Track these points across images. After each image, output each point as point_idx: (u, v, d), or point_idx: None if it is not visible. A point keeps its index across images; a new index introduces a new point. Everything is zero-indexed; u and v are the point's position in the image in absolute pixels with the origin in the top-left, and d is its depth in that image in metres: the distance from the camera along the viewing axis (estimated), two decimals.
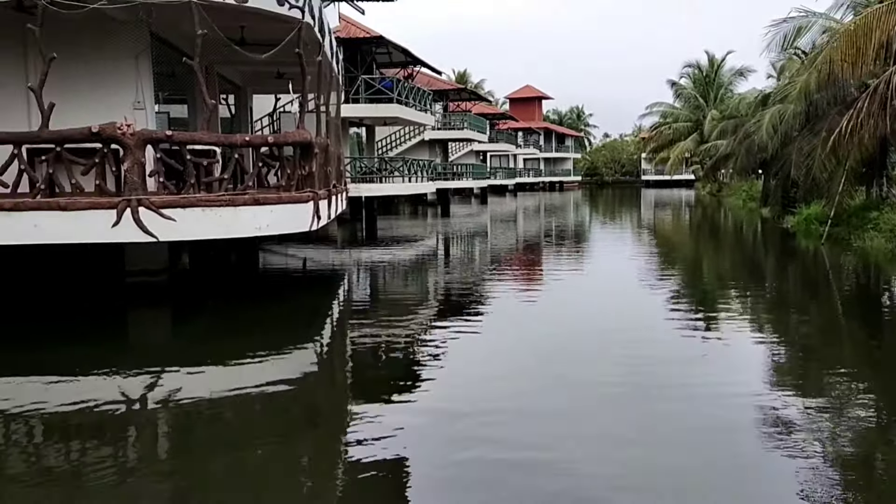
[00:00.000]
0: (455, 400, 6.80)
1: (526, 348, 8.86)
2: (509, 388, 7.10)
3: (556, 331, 9.79)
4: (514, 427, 6.06)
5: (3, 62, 11.24)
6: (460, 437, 5.85)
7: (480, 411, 6.42)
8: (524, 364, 8.08)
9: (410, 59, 30.05)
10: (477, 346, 9.18)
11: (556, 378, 7.46)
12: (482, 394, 7.00)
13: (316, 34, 11.89)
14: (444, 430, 6.05)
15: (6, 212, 9.10)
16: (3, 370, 7.67)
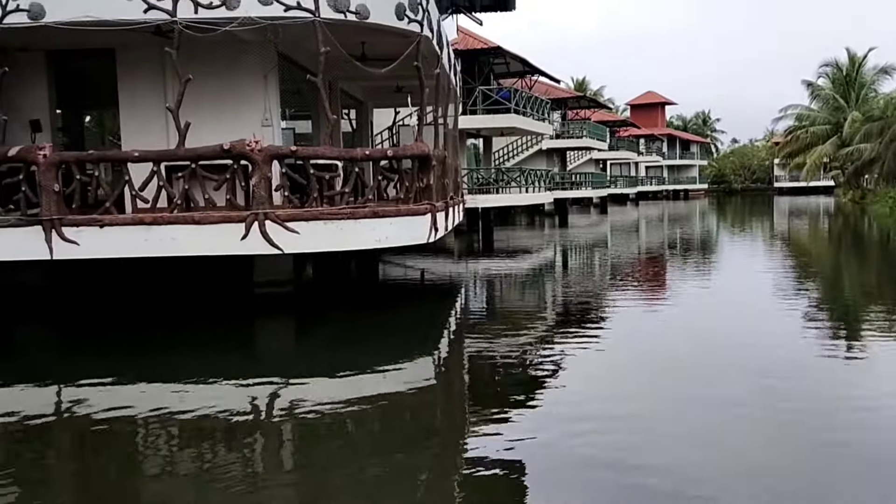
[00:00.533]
0: (575, 416, 6.57)
1: (649, 363, 8.49)
2: (632, 406, 6.79)
3: (681, 346, 9.34)
4: (637, 448, 5.76)
5: (144, 84, 12.01)
6: (580, 455, 5.63)
7: (602, 430, 6.17)
8: (647, 380, 7.74)
9: (528, 68, 29.92)
10: (597, 360, 8.89)
11: (681, 396, 7.09)
12: (603, 411, 6.73)
13: (434, 47, 11.97)
14: (564, 446, 5.85)
15: (147, 225, 9.68)
16: (141, 376, 8.10)
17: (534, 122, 29.18)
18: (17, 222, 9.71)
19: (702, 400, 6.97)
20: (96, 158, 10.29)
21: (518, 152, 40.70)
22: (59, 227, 9.64)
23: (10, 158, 9.74)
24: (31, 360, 9.74)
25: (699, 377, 7.85)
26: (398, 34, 10.88)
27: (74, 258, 9.84)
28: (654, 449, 5.73)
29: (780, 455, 5.56)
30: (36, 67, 12.08)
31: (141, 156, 9.97)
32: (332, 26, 9.95)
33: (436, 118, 12.90)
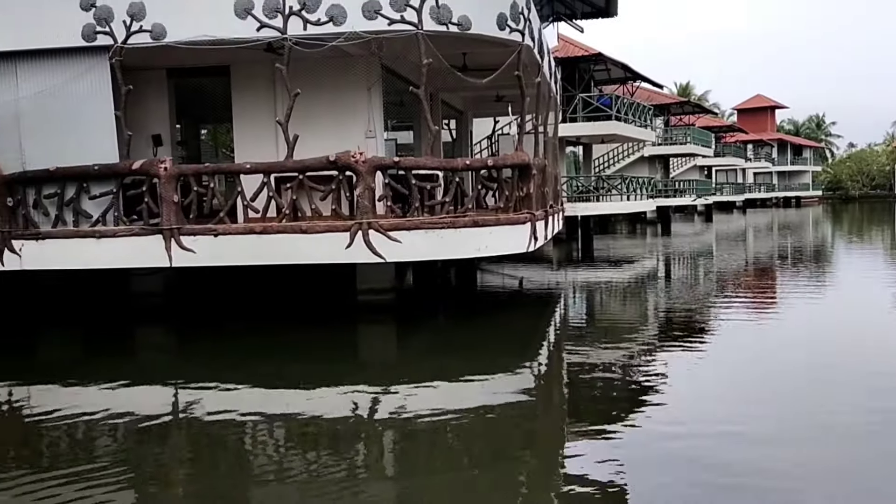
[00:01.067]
0: (678, 431, 6.38)
1: (757, 378, 8.15)
2: (741, 424, 6.51)
3: (789, 361, 8.90)
4: (748, 468, 5.52)
5: (256, 99, 12.55)
6: (684, 472, 5.46)
7: (707, 446, 5.97)
8: (756, 396, 7.43)
9: (630, 74, 29.36)
10: (702, 373, 8.63)
11: (793, 413, 6.79)
12: (708, 426, 6.52)
13: (535, 56, 11.95)
14: (665, 462, 5.69)
15: (257, 234, 10.10)
16: (250, 380, 8.44)
17: (635, 129, 28.59)
18: (140, 231, 10.33)
19: (811, 418, 6.65)
20: (212, 171, 10.83)
21: (619, 159, 39.93)
22: (177, 235, 10.19)
23: (134, 171, 10.39)
24: (149, 361, 10.35)
25: (809, 394, 7.47)
26: (499, 44, 10.92)
27: (191, 266, 10.39)
28: (764, 467, 5.48)
29: None
30: (158, 85, 12.84)
31: (253, 168, 10.42)
32: (435, 38, 10.11)
33: (536, 127, 12.85)
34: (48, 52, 10.62)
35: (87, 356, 10.57)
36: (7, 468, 5.96)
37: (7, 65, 10.78)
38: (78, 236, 10.49)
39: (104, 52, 10.44)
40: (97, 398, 7.93)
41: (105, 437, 6.76)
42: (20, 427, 7.18)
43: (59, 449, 6.54)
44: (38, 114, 10.76)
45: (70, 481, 5.49)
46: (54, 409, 7.52)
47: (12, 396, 8.20)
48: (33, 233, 10.65)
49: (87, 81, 10.56)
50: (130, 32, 10.36)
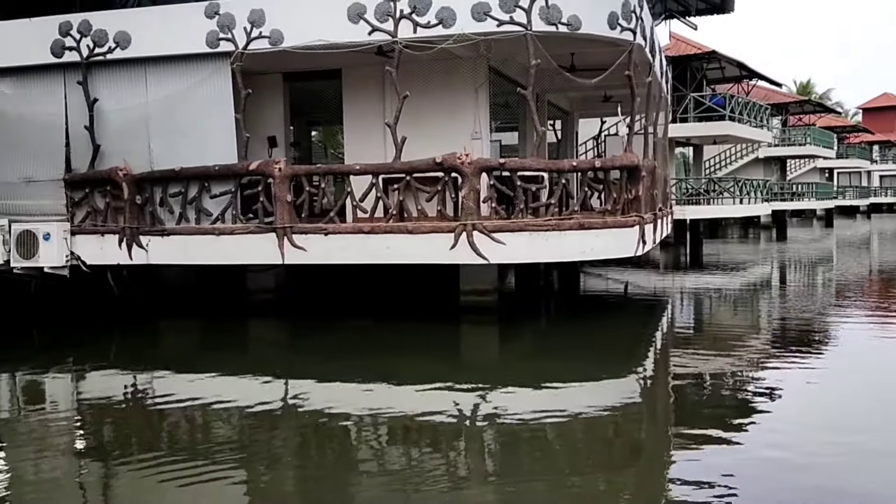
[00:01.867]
0: (790, 446, 6.10)
1: (878, 395, 7.66)
2: (858, 440, 6.16)
3: None
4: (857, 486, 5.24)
5: (366, 101, 12.86)
6: (792, 487, 5.23)
7: (821, 465, 5.70)
8: (876, 413, 6.99)
9: (745, 72, 28.18)
10: (817, 387, 8.21)
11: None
12: (823, 443, 6.21)
13: (647, 55, 11.67)
14: (776, 480, 5.42)
15: (365, 234, 10.35)
16: (357, 376, 8.64)
17: (750, 129, 27.41)
18: (256, 229, 10.79)
19: None
20: (324, 171, 11.18)
21: (731, 161, 38.42)
22: (290, 234, 10.58)
23: (251, 172, 10.86)
24: (262, 354, 10.79)
25: None
26: (610, 43, 10.73)
27: (302, 263, 10.76)
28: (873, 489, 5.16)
29: None
30: (274, 88, 13.38)
31: (362, 169, 10.68)
32: (544, 39, 10.04)
33: (646, 127, 12.54)
34: (175, 58, 11.26)
35: (204, 348, 11.13)
36: (130, 449, 6.36)
37: (138, 70, 11.52)
38: (199, 233, 11.07)
39: (226, 57, 10.97)
40: (213, 387, 8.35)
41: (219, 423, 7.11)
42: (142, 412, 7.64)
43: (177, 433, 6.93)
44: (164, 117, 11.43)
45: (187, 464, 5.81)
46: (173, 396, 7.98)
47: (136, 383, 8.75)
48: (159, 229, 11.32)
49: (209, 86, 11.13)
50: (250, 38, 10.84)
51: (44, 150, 11.85)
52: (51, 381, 8.95)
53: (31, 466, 6.03)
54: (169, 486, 5.50)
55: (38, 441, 6.65)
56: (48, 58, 11.66)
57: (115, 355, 10.58)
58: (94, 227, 11.71)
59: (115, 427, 7.15)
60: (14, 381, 9.15)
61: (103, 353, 10.50)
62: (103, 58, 11.46)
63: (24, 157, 11.96)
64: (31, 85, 11.99)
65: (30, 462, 6.13)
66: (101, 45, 11.43)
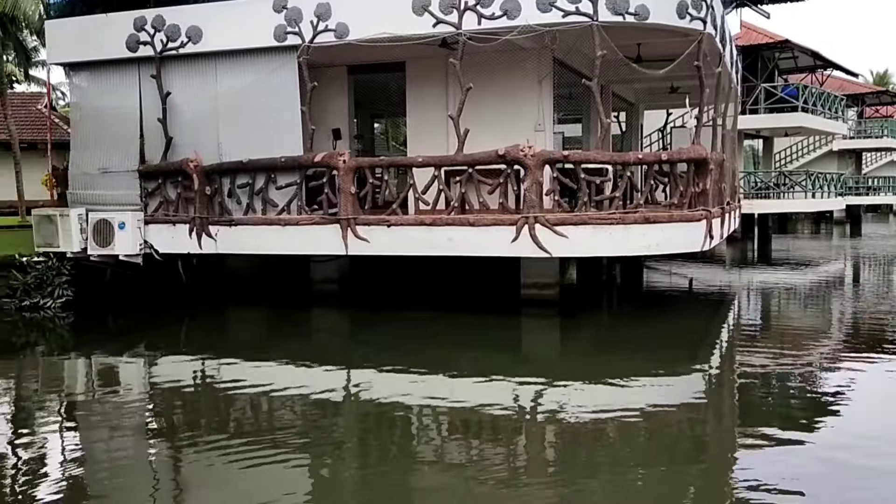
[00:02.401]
0: (860, 449, 5.92)
1: None
2: None
3: None
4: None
5: (429, 94, 12.87)
6: (862, 495, 5.05)
7: (892, 470, 5.50)
8: None
9: (820, 62, 27.14)
10: (891, 389, 7.91)
11: None
12: (887, 446, 6.00)
13: (717, 45, 11.35)
14: (844, 484, 5.29)
15: (427, 226, 10.40)
16: (418, 366, 8.71)
17: (823, 121, 26.42)
18: (320, 220, 10.95)
19: None
20: (387, 164, 11.26)
21: (803, 154, 37.13)
22: (353, 225, 10.71)
23: (316, 164, 11.02)
24: (324, 343, 10.98)
25: None
26: (678, 33, 10.48)
27: (365, 254, 10.88)
28: None
29: None
30: (339, 81, 13.51)
31: (424, 161, 10.72)
32: (610, 29, 9.87)
33: (714, 119, 12.22)
34: (244, 51, 11.50)
35: (269, 336, 11.38)
36: (199, 432, 6.57)
37: (208, 64, 11.82)
38: (266, 223, 11.31)
39: (293, 51, 11.14)
40: (277, 374, 8.54)
41: (283, 409, 7.29)
42: (210, 396, 7.88)
43: (243, 417, 7.12)
44: (233, 109, 11.70)
45: (252, 447, 5.97)
46: (240, 381, 8.20)
47: (205, 368, 9.01)
48: (227, 219, 11.60)
49: (277, 79, 11.33)
50: (317, 32, 10.98)
51: (119, 141, 12.28)
52: (124, 365, 9.29)
53: (103, 446, 6.30)
54: (234, 467, 5.67)
55: (111, 422, 6.92)
56: (124, 52, 12.06)
57: (185, 341, 10.92)
58: (165, 217, 12.08)
59: (183, 410, 7.40)
60: (90, 364, 9.54)
61: (173, 340, 10.85)
62: (176, 52, 11.80)
63: (100, 148, 12.42)
64: (107, 78, 12.43)
65: (102, 442, 6.40)
66: (174, 39, 11.76)
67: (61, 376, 9.15)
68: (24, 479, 5.59)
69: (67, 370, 9.42)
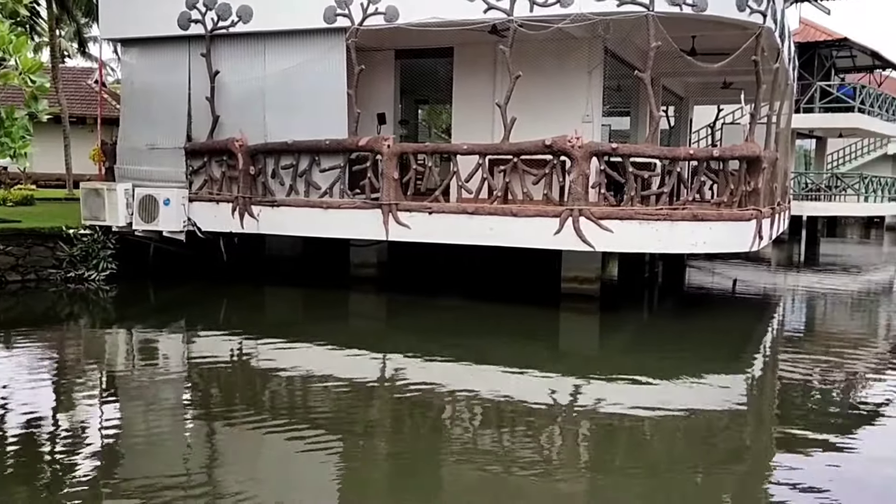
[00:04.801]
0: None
1: None
2: None
3: None
4: None
5: (477, 81, 12.74)
6: None
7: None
8: None
9: (879, 61, 26.28)
10: None
11: None
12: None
13: (776, 39, 11.01)
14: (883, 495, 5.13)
15: (469, 215, 10.30)
16: (454, 355, 8.63)
17: (881, 123, 25.59)
18: (363, 205, 10.93)
19: None
20: (431, 150, 11.18)
21: (857, 156, 36.07)
22: (395, 211, 10.66)
23: (360, 148, 10.99)
24: (361, 327, 10.96)
25: None
26: (736, 26, 10.18)
27: (406, 240, 10.82)
28: None
29: None
30: (386, 65, 13.45)
31: (469, 149, 10.61)
32: (666, 20, 9.63)
33: (769, 117, 11.87)
34: (293, 33, 11.49)
35: (307, 318, 11.41)
36: (234, 410, 6.59)
37: (257, 44, 11.83)
38: (308, 206, 11.33)
39: (342, 33, 11.09)
40: (313, 356, 8.55)
41: (317, 391, 7.27)
42: (246, 375, 7.91)
43: (277, 398, 7.12)
44: (280, 90, 11.71)
45: (286, 428, 5.98)
46: (276, 362, 8.25)
47: (242, 347, 9.05)
48: (270, 200, 11.65)
49: (325, 61, 11.30)
50: (366, 15, 10.91)
51: (167, 118, 12.39)
52: (165, 340, 9.39)
53: (140, 419, 6.36)
54: (267, 447, 5.67)
55: (149, 396, 6.99)
56: (175, 30, 12.14)
57: (224, 320, 11.00)
58: (209, 195, 12.18)
59: (219, 387, 7.44)
60: (131, 338, 9.67)
61: (213, 317, 10.94)
62: (226, 31, 11.84)
63: (148, 124, 12.55)
64: (158, 56, 12.54)
65: (139, 415, 6.46)
66: (225, 18, 11.79)
67: (102, 348, 9.28)
68: (62, 448, 5.66)
69: (108, 342, 9.55)
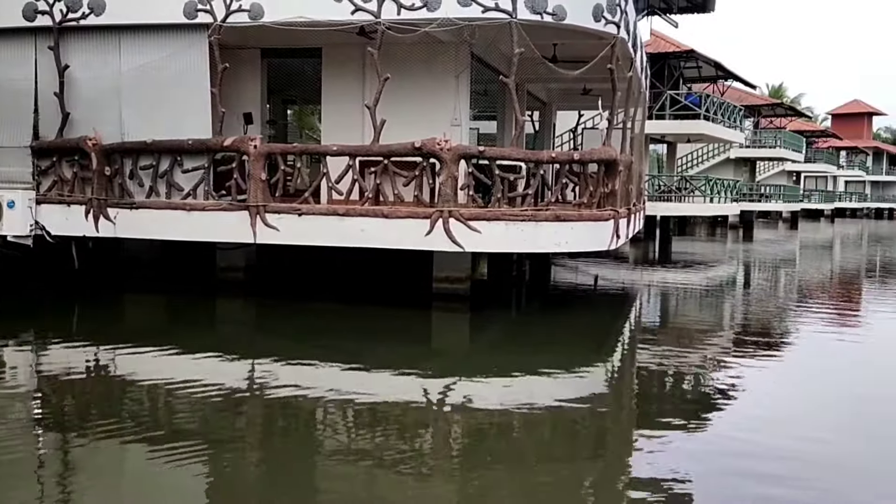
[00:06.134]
0: (749, 444, 6.20)
1: (834, 393, 7.93)
2: (818, 439, 6.31)
3: (868, 378, 8.57)
4: (811, 478, 5.45)
5: (345, 82, 12.67)
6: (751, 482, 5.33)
7: (775, 456, 5.83)
8: (832, 412, 7.22)
9: (722, 72, 28.41)
10: (773, 383, 8.38)
11: (862, 429, 6.57)
12: (776, 436, 6.35)
13: (629, 49, 11.68)
14: (735, 472, 5.58)
15: (340, 216, 10.24)
16: (324, 358, 8.57)
17: (723, 130, 27.67)
18: (228, 206, 10.61)
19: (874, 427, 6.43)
20: (300, 151, 11.04)
21: (703, 160, 38.82)
22: (263, 213, 10.43)
23: (225, 148, 10.67)
24: (229, 333, 10.63)
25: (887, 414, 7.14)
26: (593, 36, 10.71)
27: (274, 243, 10.61)
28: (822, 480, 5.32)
29: None
30: (252, 64, 13.11)
31: (339, 150, 10.55)
32: (528, 27, 9.98)
33: (624, 122, 12.58)
34: (151, 27, 10.98)
35: (169, 325, 10.94)
36: (89, 425, 6.21)
37: (111, 38, 11.22)
38: (170, 208, 10.86)
39: (204, 29, 10.72)
40: (177, 365, 8.21)
41: (182, 402, 6.97)
42: (103, 387, 7.48)
43: (138, 410, 6.77)
44: (137, 87, 11.16)
45: (147, 442, 5.70)
46: (135, 372, 7.85)
47: (98, 358, 8.56)
48: (128, 202, 11.08)
49: (186, 58, 10.88)
50: (230, 11, 10.60)
51: (11, 115, 11.52)
52: (10, 353, 8.72)
53: None
54: (128, 463, 5.40)
55: None
56: (20, 21, 11.30)
57: (77, 329, 10.35)
58: (60, 197, 11.42)
59: (74, 402, 7.00)
60: None
61: (64, 327, 10.26)
62: (76, 23, 11.14)
63: None
64: (1, 48, 11.62)
65: None
66: (75, 10, 11.10)
67: None
68: None
69: None
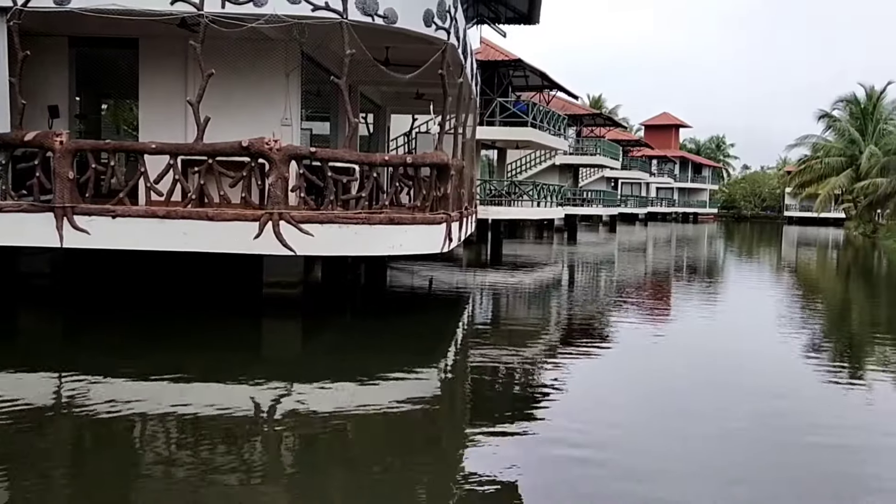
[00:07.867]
0: (574, 432, 6.61)
1: (650, 384, 8.53)
2: (629, 424, 6.80)
3: (680, 368, 9.34)
4: (632, 463, 5.80)
5: (166, 77, 11.96)
6: (576, 470, 5.67)
7: (598, 443, 6.30)
8: (647, 400, 7.78)
9: (547, 82, 29.85)
10: (598, 377, 8.95)
11: (678, 418, 7.07)
12: (595, 425, 6.81)
13: (459, 56, 11.91)
14: (563, 462, 5.88)
15: (159, 219, 9.61)
16: (144, 371, 7.99)
17: (549, 137, 29.09)
18: (30, 208, 9.63)
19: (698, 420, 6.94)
20: (113, 148, 10.22)
21: (531, 166, 40.59)
22: (70, 215, 9.56)
23: (26, 143, 9.68)
24: (34, 347, 9.65)
25: (698, 400, 7.77)
26: (424, 41, 10.81)
27: (84, 247, 9.76)
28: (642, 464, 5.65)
29: None
30: (58, 53, 12.03)
31: (158, 148, 9.90)
32: (359, 29, 9.89)
33: (455, 128, 12.81)
34: None
35: None
36: None
37: None
38: None
39: (2, 13, 9.66)
40: None
41: None
42: None
43: None
44: None
45: None
46: None
47: None
48: None
49: None
50: None
51: None
52: None
53: None
54: None
55: None
56: None
57: None
58: None
59: None
60: None
61: None
62: None
63: None
64: None
65: None
66: None
67: None
68: None
69: None
